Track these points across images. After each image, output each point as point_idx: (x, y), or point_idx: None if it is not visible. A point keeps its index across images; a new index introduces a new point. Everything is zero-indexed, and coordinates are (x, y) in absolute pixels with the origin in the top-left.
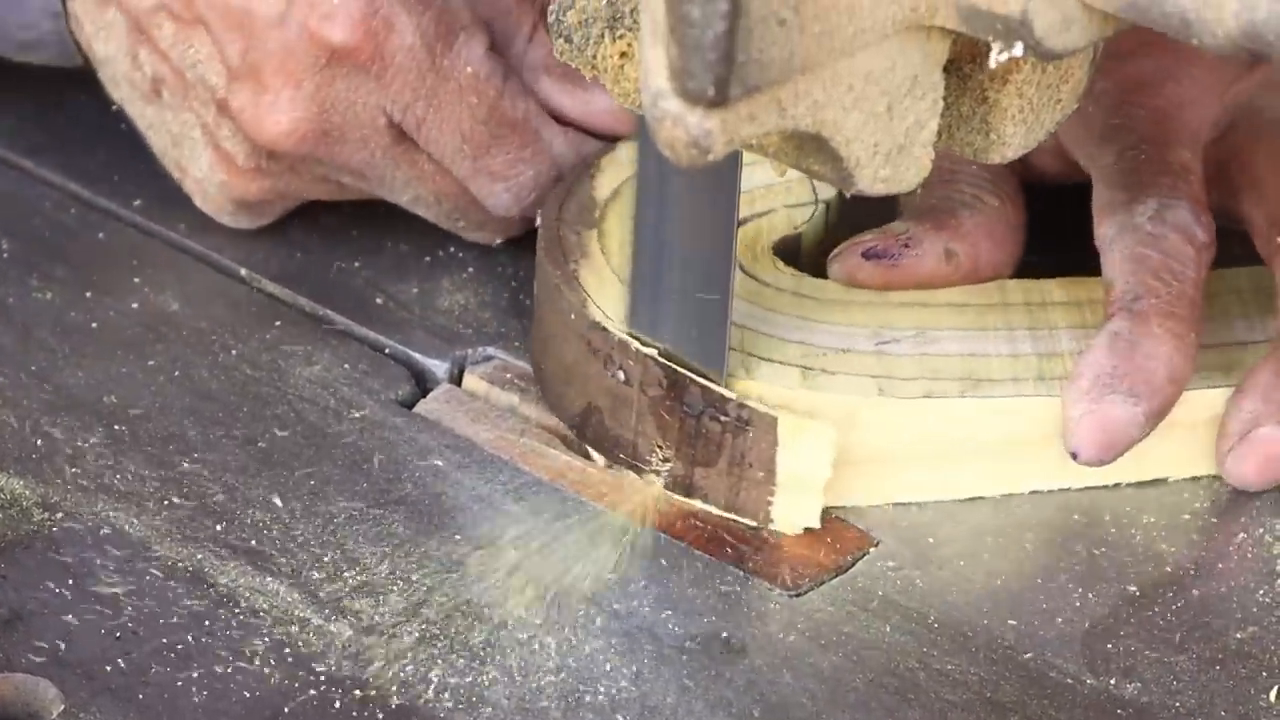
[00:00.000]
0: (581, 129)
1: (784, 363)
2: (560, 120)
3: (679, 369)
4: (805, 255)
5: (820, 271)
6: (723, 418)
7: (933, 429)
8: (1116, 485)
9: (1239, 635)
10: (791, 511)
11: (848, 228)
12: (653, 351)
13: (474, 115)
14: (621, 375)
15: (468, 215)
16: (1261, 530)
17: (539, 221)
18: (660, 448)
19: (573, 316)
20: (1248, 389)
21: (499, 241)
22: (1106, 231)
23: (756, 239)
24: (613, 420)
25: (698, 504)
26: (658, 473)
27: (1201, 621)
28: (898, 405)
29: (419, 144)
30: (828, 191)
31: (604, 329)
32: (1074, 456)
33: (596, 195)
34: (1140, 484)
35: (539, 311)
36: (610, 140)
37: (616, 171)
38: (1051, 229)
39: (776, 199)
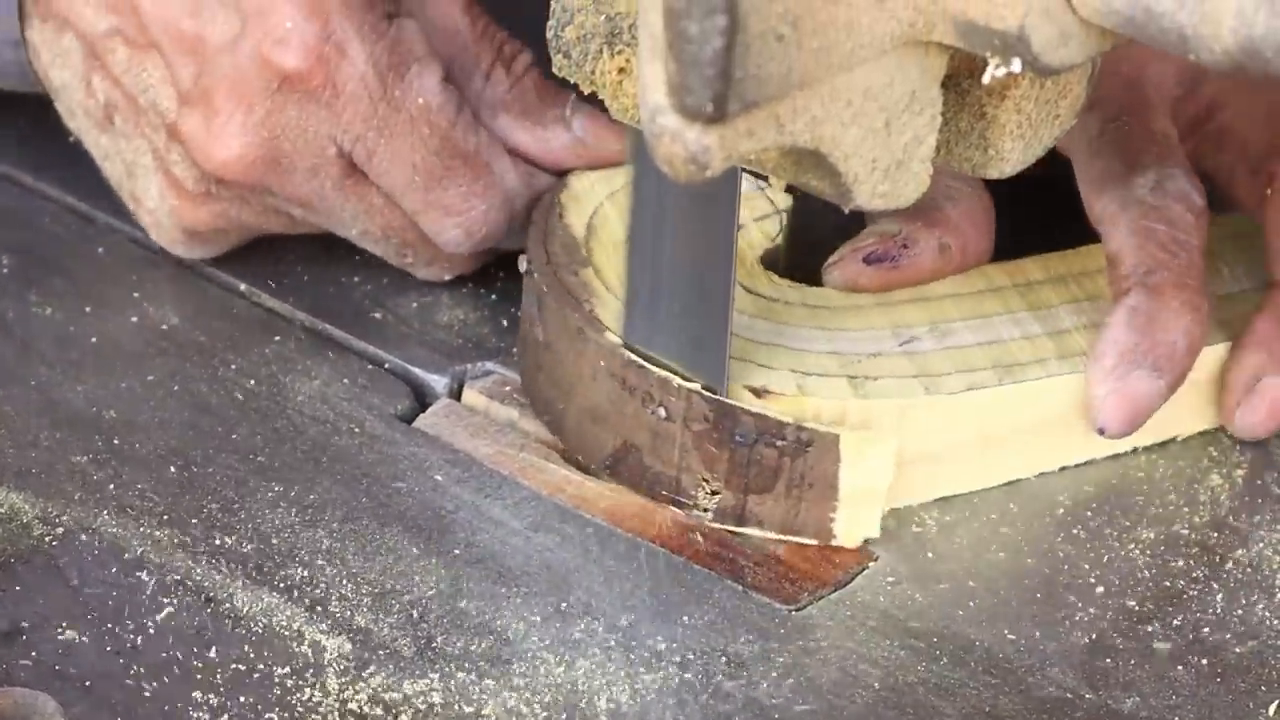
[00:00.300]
0: (540, 167)
1: (827, 374)
2: (518, 158)
3: (724, 400)
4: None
5: (803, 280)
6: (779, 442)
7: (973, 419)
8: (1134, 450)
9: (1238, 650)
10: (854, 524)
11: (804, 234)
12: (696, 386)
13: (425, 146)
14: (663, 412)
15: (417, 251)
16: (1260, 545)
17: (524, 267)
18: (707, 481)
19: (602, 360)
20: (1249, 342)
21: (448, 278)
22: (1106, 206)
23: (742, 255)
24: (653, 458)
25: (752, 531)
26: (706, 509)
27: (1201, 636)
28: (944, 401)
29: (369, 176)
30: (783, 200)
31: (641, 366)
32: (1101, 432)
33: (575, 234)
34: (1136, 499)
35: (551, 357)
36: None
37: (579, 207)
38: None
39: (742, 213)
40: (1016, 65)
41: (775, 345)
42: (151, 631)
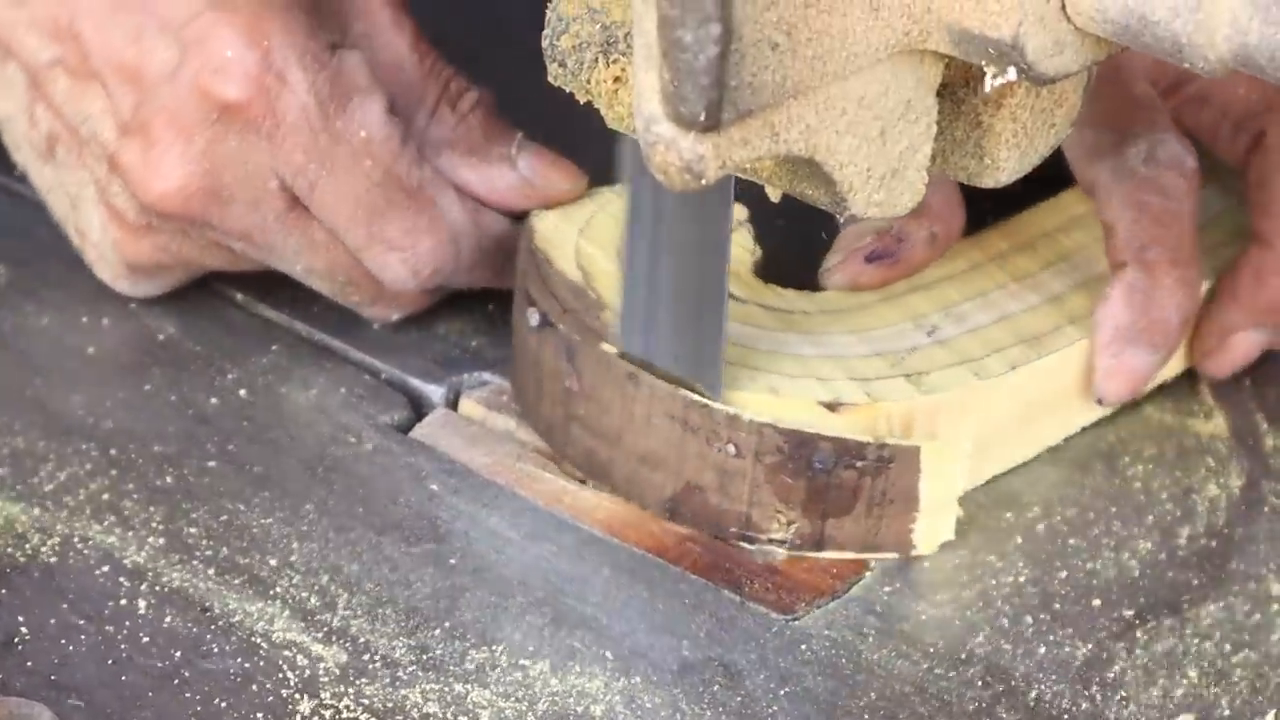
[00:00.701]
0: (487, 205)
1: (883, 376)
2: (465, 196)
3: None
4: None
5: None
6: (859, 463)
7: (1014, 397)
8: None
9: (1235, 660)
10: (932, 532)
11: (766, 241)
12: (770, 419)
13: (368, 179)
14: (732, 449)
15: (362, 289)
16: (1258, 555)
17: (535, 321)
18: (781, 513)
19: (658, 403)
20: (1227, 296)
21: (395, 319)
22: (1099, 175)
23: (736, 271)
24: (720, 496)
25: (830, 554)
26: (781, 540)
27: (1197, 645)
28: (994, 384)
29: (311, 210)
30: (741, 211)
31: (704, 405)
32: (1099, 402)
33: (571, 278)
34: (1133, 509)
35: (593, 407)
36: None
37: (561, 251)
38: None
39: None
40: (1012, 74)
41: (818, 356)
42: (147, 641)
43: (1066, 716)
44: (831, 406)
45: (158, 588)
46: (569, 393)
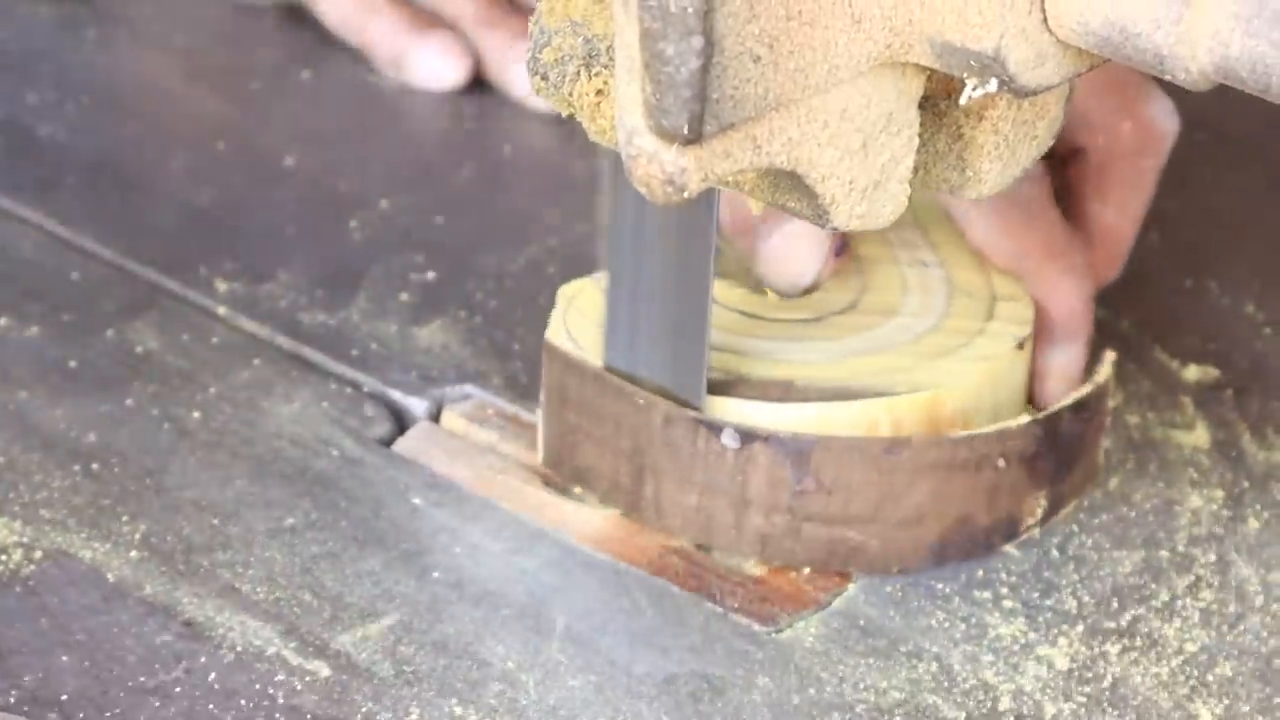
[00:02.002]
0: None
1: (953, 356)
2: None
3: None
4: None
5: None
6: (1086, 416)
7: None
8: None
9: (1219, 672)
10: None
11: None
12: (1025, 417)
13: None
14: (1002, 462)
15: None
16: (1241, 567)
17: (732, 444)
18: (1039, 501)
19: (917, 460)
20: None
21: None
22: (954, 205)
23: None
24: (988, 514)
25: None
26: (1035, 523)
27: (1183, 657)
28: (1028, 347)
29: None
30: None
31: (971, 437)
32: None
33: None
34: (1116, 518)
35: (839, 500)
36: None
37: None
38: None
39: None
40: (993, 86)
41: (862, 355)
42: (131, 657)
43: None
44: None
45: (140, 602)
46: (801, 496)
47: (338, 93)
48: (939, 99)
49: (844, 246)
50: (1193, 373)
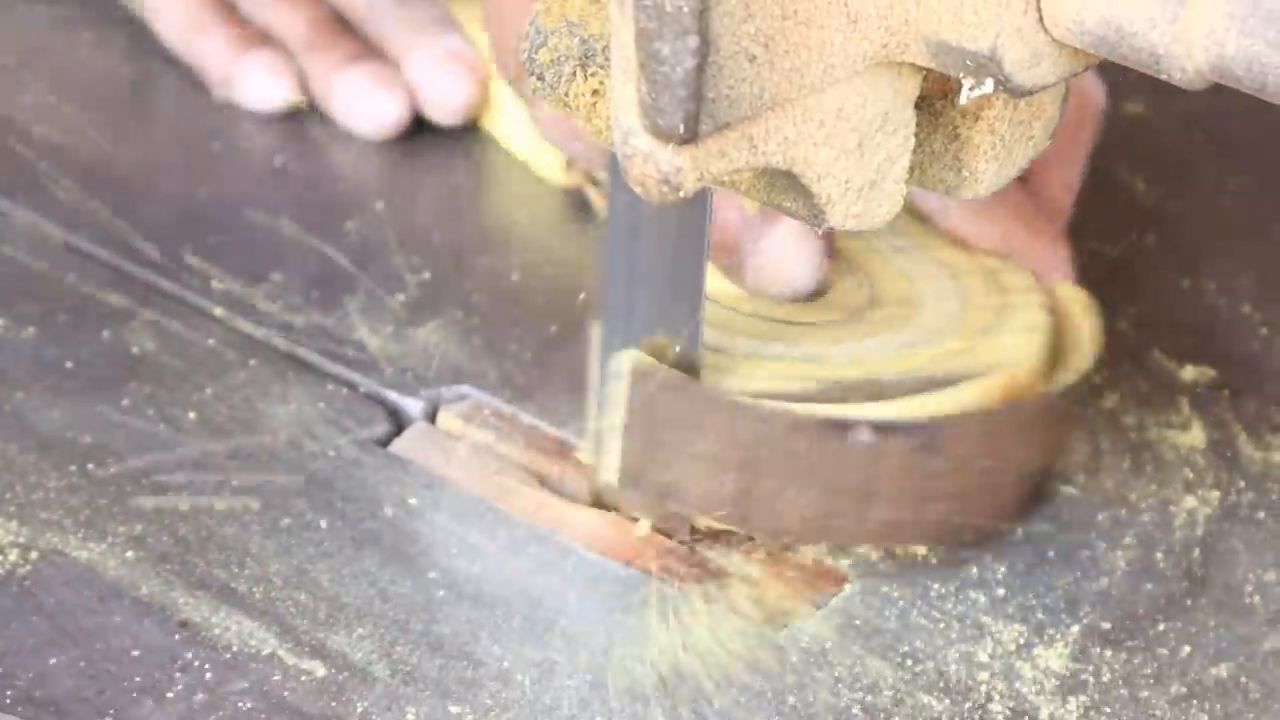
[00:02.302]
0: None
1: (1000, 331)
2: None
3: None
4: None
5: None
6: None
7: None
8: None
9: (1214, 671)
10: None
11: None
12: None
13: None
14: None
15: None
16: (1236, 566)
17: (865, 438)
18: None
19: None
20: None
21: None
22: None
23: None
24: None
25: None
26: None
27: (1178, 658)
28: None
29: None
30: None
31: (1063, 391)
32: None
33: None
34: (1111, 518)
35: (958, 477)
36: None
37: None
38: None
39: None
40: (989, 86)
41: (908, 346)
42: (126, 656)
43: None
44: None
45: (136, 602)
46: (926, 478)
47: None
48: (935, 99)
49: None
50: (1189, 373)
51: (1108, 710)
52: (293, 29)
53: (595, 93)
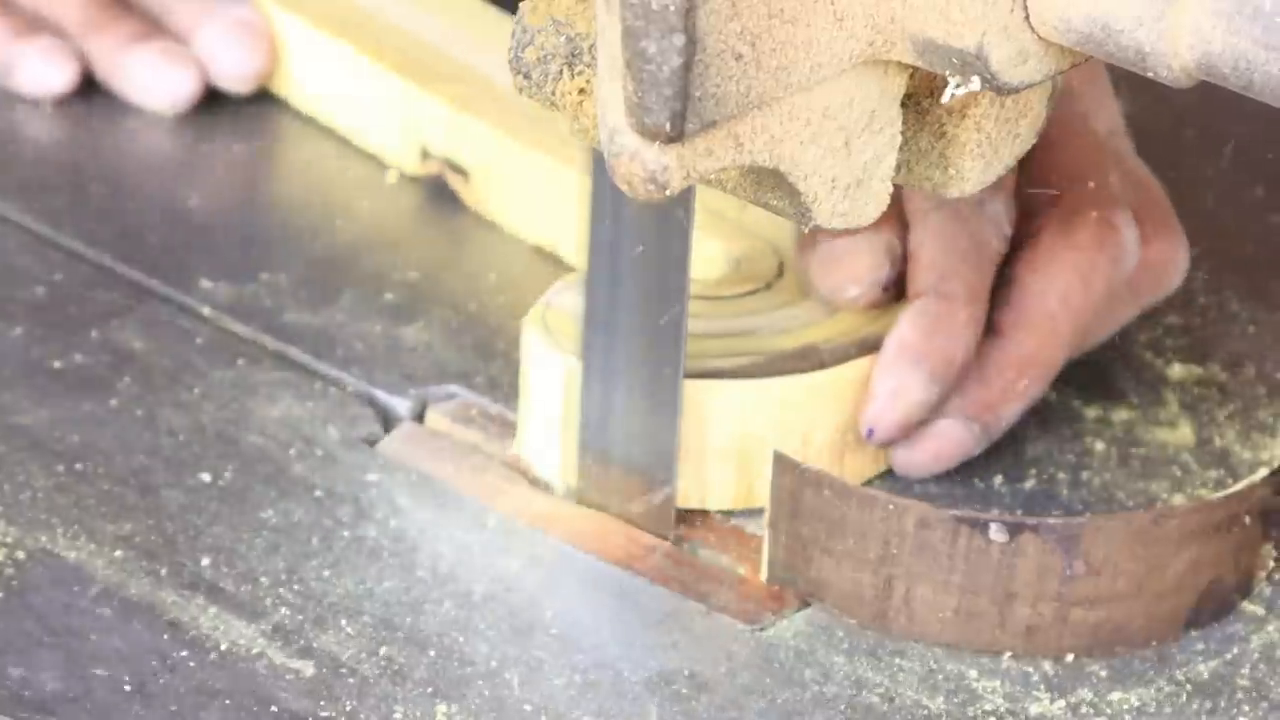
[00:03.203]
0: None
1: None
2: None
3: None
4: None
5: None
6: None
7: None
8: None
9: (1202, 667)
10: None
11: None
12: (1263, 471)
13: None
14: (1247, 519)
15: None
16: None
17: (1001, 538)
18: (1271, 552)
19: (1178, 530)
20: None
21: None
22: (920, 203)
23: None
24: (1234, 573)
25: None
26: (1265, 577)
27: (1168, 653)
28: None
29: None
30: None
31: (1215, 502)
32: (869, 434)
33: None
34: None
35: (1106, 581)
36: None
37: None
38: None
39: None
40: (975, 84)
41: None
42: (115, 656)
43: None
44: None
45: (124, 601)
46: (1070, 581)
47: None
48: (922, 97)
49: (896, 279)
50: (1177, 371)
51: (1101, 708)
52: (68, 12)
53: (582, 91)
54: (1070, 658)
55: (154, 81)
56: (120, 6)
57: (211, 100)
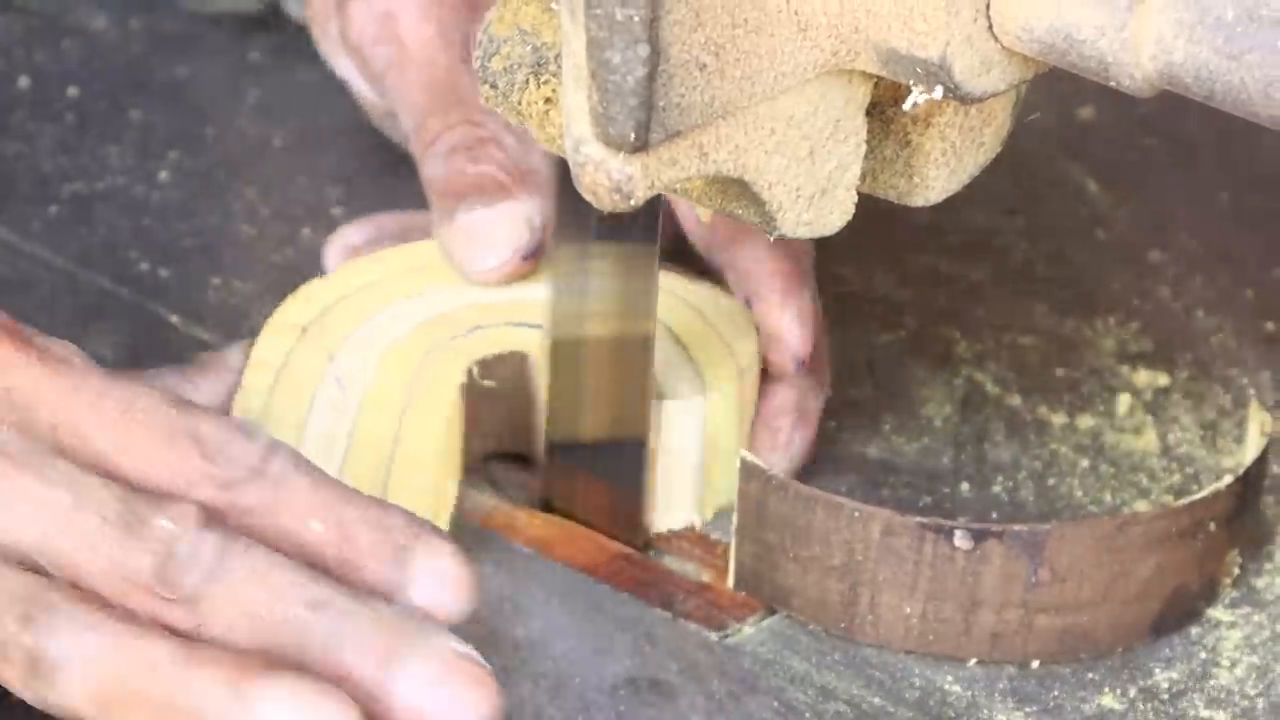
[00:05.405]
0: None
1: None
2: None
3: None
4: None
5: None
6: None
7: None
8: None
9: (1168, 673)
10: None
11: None
12: (1229, 478)
13: None
14: (1213, 525)
15: None
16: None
17: (965, 545)
18: (1235, 559)
19: (1142, 538)
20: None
21: None
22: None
23: None
24: (1199, 578)
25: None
26: (1231, 584)
27: (1133, 659)
28: None
29: None
30: None
31: (1188, 505)
32: (800, 363)
33: None
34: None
35: (1071, 588)
36: None
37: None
38: None
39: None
40: (939, 93)
41: None
42: None
43: None
44: None
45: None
46: (1035, 588)
47: (288, 102)
48: (886, 105)
49: (540, 247)
50: (1142, 377)
51: (1063, 716)
52: None
53: (548, 100)
54: (1036, 664)
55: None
56: None
57: None
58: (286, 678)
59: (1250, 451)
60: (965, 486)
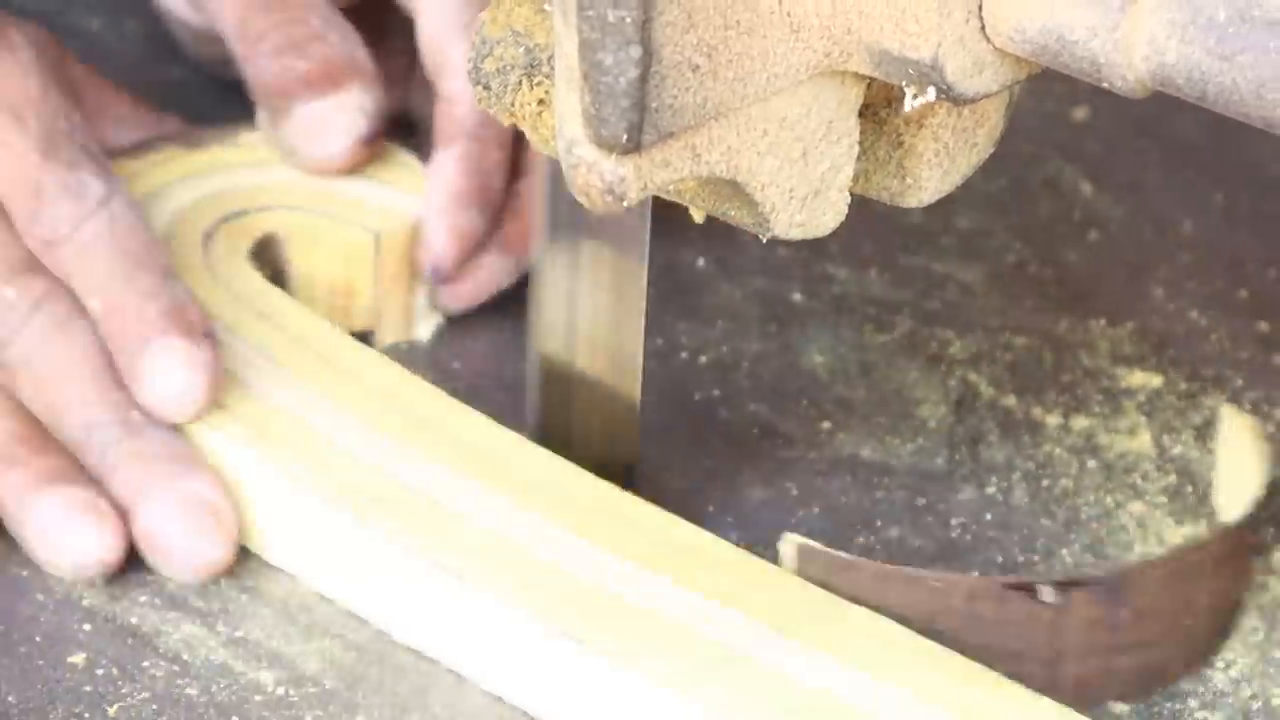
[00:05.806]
0: None
1: None
2: None
3: None
4: None
5: None
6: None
7: None
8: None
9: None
10: None
11: None
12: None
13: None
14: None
15: None
16: None
17: (1051, 599)
18: (1257, 575)
19: (1208, 564)
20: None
21: None
22: (455, 48)
23: None
24: (1237, 591)
25: None
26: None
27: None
28: None
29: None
30: None
31: (1239, 524)
32: (433, 270)
33: None
34: (1060, 526)
35: (1150, 623)
36: None
37: None
38: None
39: None
40: (932, 94)
41: None
42: (78, 666)
43: None
44: None
45: (85, 610)
46: (1113, 630)
47: None
48: (879, 107)
49: (376, 133)
50: (1137, 378)
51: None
52: None
53: (541, 102)
54: (1116, 705)
55: (59, 539)
56: (43, 438)
57: None
58: (64, 490)
59: (1243, 456)
60: (959, 488)
